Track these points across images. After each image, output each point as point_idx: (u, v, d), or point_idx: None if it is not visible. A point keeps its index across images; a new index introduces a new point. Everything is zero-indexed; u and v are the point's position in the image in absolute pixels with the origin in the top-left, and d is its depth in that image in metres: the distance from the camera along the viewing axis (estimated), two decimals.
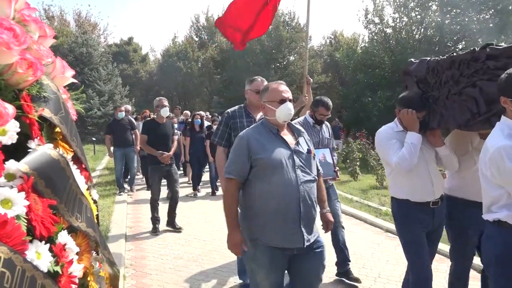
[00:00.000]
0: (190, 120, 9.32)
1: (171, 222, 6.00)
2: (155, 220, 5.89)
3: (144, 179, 10.10)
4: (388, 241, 5.49)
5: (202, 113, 11.52)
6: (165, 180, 6.11)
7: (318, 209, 2.51)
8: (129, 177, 9.33)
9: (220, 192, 8.48)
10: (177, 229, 5.93)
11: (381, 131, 3.01)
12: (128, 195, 8.47)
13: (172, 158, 5.85)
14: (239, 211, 2.50)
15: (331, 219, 2.68)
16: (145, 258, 4.81)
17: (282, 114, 2.42)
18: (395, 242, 5.38)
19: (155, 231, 5.83)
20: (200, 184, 9.20)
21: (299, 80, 27.92)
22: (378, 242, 5.43)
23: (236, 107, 3.67)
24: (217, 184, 8.85)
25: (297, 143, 2.47)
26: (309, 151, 2.50)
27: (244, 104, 3.68)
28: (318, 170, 2.63)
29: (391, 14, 22.43)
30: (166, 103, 5.85)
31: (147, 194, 8.35)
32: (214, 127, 8.30)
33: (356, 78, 22.60)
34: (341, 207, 4.82)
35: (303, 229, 2.32)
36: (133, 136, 8.61)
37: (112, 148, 8.78)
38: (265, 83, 3.34)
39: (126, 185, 9.12)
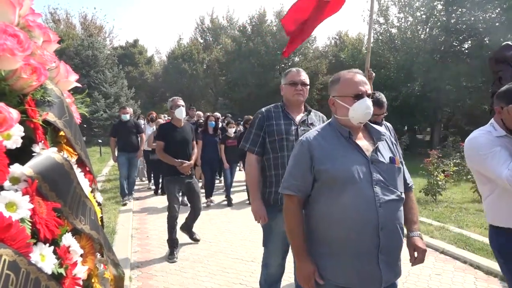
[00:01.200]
0: (203, 122, 8.76)
1: (188, 232, 5.44)
2: (173, 243, 4.94)
3: (150, 184, 9.85)
4: None
5: (217, 114, 10.93)
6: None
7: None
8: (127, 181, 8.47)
9: (236, 199, 8.38)
10: (194, 239, 5.48)
11: (478, 137, 2.26)
12: (124, 202, 7.85)
13: (192, 168, 5.07)
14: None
15: (423, 246, 1.97)
16: (151, 260, 4.83)
17: (358, 113, 1.88)
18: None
19: (172, 258, 4.81)
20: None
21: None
22: None
23: (272, 106, 3.05)
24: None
25: (376, 150, 1.91)
26: (392, 160, 1.93)
27: (281, 103, 3.04)
28: (408, 184, 2.06)
29: (396, 14, 22.40)
30: (181, 102, 4.99)
31: (155, 201, 8.50)
32: (231, 130, 8.19)
33: None
34: None
35: (381, 266, 1.80)
36: (139, 140, 8.06)
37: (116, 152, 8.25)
38: (302, 73, 2.95)
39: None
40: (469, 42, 20.28)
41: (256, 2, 50.08)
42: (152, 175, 9.75)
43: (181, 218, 5.24)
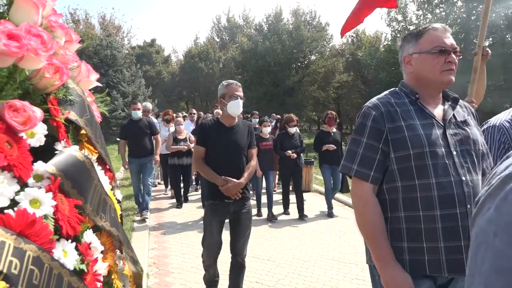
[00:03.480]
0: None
1: None
2: None
3: (168, 189, 8.84)
4: None
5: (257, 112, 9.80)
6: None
7: None
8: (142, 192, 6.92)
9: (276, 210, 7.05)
10: None
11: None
12: (141, 218, 6.54)
13: (246, 190, 3.35)
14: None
15: None
16: (168, 257, 4.88)
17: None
18: None
19: None
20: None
21: (320, 79, 27.79)
22: None
23: (387, 93, 1.87)
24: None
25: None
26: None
27: (406, 88, 1.84)
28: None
29: (415, 11, 22.02)
30: (239, 92, 3.34)
31: (175, 214, 7.76)
32: (265, 129, 7.00)
33: (378, 76, 22.28)
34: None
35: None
36: (154, 142, 6.78)
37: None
38: (450, 33, 1.76)
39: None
40: (490, 39, 19.81)
41: (273, 0, 49.98)
42: (168, 181, 8.76)
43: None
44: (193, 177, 8.82)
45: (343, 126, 30.50)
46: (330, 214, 6.90)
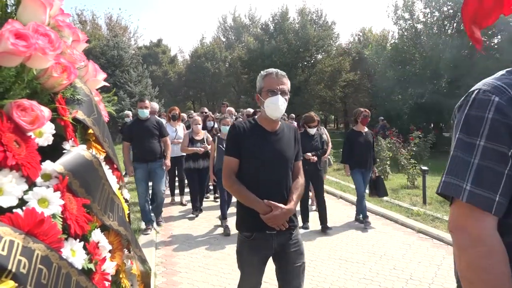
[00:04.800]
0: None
1: None
2: None
3: (182, 198, 7.73)
4: (420, 241, 5.35)
5: (250, 110, 9.27)
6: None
7: None
8: (153, 201, 6.29)
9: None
10: None
11: None
12: (154, 230, 5.87)
13: (293, 217, 2.49)
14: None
15: None
16: (175, 257, 4.89)
17: None
18: (427, 243, 5.26)
19: None
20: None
21: (327, 78, 27.71)
22: (410, 243, 5.30)
23: (501, 73, 1.19)
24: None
25: None
26: None
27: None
28: None
29: (422, 9, 21.86)
30: (279, 83, 2.38)
31: (191, 226, 7.22)
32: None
33: (385, 75, 22.15)
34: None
35: None
36: (162, 146, 5.98)
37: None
38: None
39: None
40: (499, 37, 19.62)
41: (279, 0, 50.00)
42: (176, 187, 7.92)
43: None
44: (211, 186, 8.03)
45: (350, 126, 30.41)
46: (365, 224, 6.01)
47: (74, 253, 0.93)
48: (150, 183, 6.19)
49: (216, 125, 8.21)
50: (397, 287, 3.99)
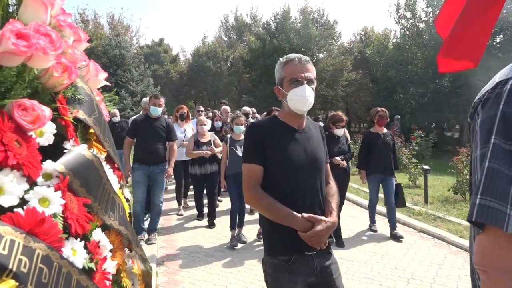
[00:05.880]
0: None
1: None
2: None
3: (181, 207, 7.01)
4: (421, 241, 5.34)
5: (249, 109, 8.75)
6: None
7: None
8: (149, 209, 5.67)
9: None
10: None
11: None
12: (148, 242, 5.23)
13: (332, 239, 2.06)
14: None
15: None
16: (177, 255, 4.90)
17: None
18: (429, 243, 5.25)
19: None
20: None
21: (328, 77, 27.67)
22: (411, 242, 5.29)
23: None
24: None
25: None
26: None
27: None
28: None
29: (424, 8, 21.81)
30: (304, 71, 1.96)
31: (198, 238, 6.66)
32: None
33: (387, 74, 22.13)
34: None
35: None
36: (166, 149, 5.40)
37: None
38: None
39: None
40: (501, 36, 19.55)
41: None
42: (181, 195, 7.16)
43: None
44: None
45: (352, 125, 30.37)
46: (395, 236, 5.42)
47: (75, 252, 0.93)
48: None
49: (224, 126, 7.46)
50: (398, 287, 3.98)
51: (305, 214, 1.86)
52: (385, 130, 5.70)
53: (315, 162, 2.00)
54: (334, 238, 2.46)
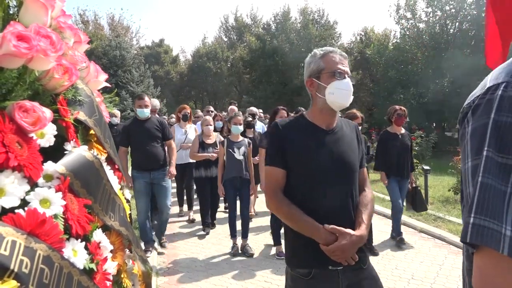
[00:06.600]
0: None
1: None
2: None
3: (191, 213, 6.65)
4: (422, 241, 5.35)
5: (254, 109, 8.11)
6: None
7: None
8: (156, 218, 5.59)
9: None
10: None
11: None
12: (155, 251, 5.02)
13: (364, 246, 1.83)
14: None
15: None
16: (177, 256, 4.90)
17: None
18: (430, 243, 5.25)
19: None
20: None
21: None
22: (412, 242, 5.29)
23: None
24: None
25: None
26: None
27: None
28: None
29: (424, 8, 21.81)
30: (344, 64, 1.89)
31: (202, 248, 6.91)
32: None
33: (387, 74, 22.11)
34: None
35: None
36: (166, 150, 5.04)
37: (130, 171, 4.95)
38: None
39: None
40: None
41: None
42: (185, 200, 6.90)
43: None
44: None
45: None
46: (400, 241, 5.18)
47: (75, 253, 0.93)
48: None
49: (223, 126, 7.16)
50: (399, 287, 3.99)
51: (327, 226, 1.68)
52: (403, 131, 5.37)
53: (344, 166, 1.80)
54: (369, 252, 1.98)
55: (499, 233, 0.72)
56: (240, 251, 4.96)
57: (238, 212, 5.14)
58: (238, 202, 5.15)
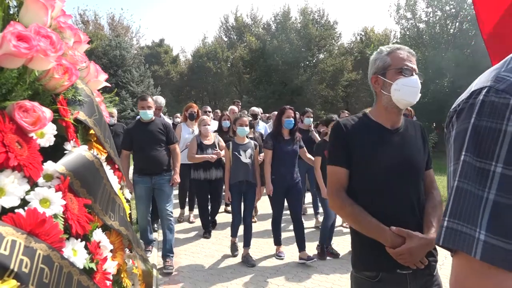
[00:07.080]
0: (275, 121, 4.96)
1: None
2: None
3: (192, 214, 6.51)
4: None
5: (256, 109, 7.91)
6: None
7: None
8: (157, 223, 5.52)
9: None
10: None
11: None
12: (165, 270, 4.38)
13: (433, 252, 1.75)
14: None
15: None
16: (177, 256, 4.89)
17: None
18: None
19: None
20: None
21: (329, 78, 27.71)
22: None
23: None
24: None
25: None
26: None
27: None
28: None
29: (424, 8, 21.83)
30: (412, 61, 1.79)
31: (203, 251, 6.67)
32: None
33: None
34: None
35: None
36: (169, 154, 4.67)
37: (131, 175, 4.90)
38: None
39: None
40: None
41: None
42: (187, 202, 6.61)
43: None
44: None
45: None
46: None
47: (75, 252, 0.94)
48: None
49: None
50: None
51: (394, 228, 1.63)
52: None
53: (410, 167, 1.75)
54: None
55: (472, 237, 0.72)
56: (241, 260, 4.72)
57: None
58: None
